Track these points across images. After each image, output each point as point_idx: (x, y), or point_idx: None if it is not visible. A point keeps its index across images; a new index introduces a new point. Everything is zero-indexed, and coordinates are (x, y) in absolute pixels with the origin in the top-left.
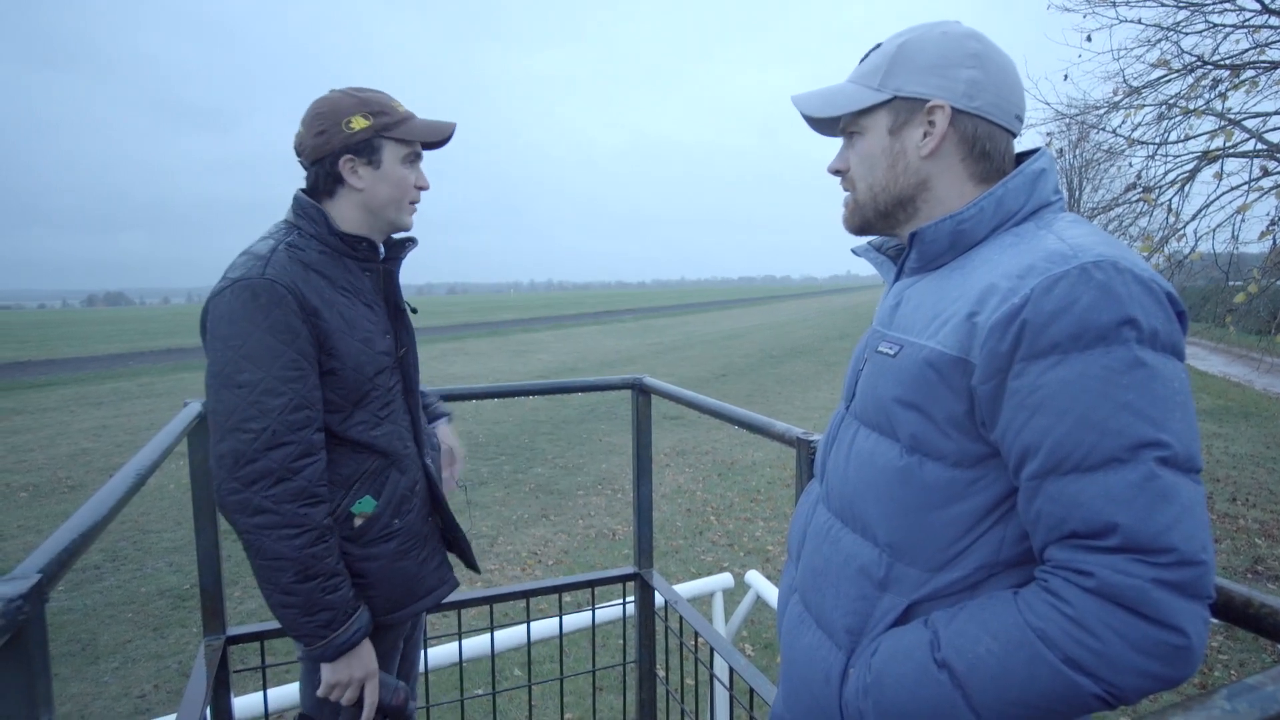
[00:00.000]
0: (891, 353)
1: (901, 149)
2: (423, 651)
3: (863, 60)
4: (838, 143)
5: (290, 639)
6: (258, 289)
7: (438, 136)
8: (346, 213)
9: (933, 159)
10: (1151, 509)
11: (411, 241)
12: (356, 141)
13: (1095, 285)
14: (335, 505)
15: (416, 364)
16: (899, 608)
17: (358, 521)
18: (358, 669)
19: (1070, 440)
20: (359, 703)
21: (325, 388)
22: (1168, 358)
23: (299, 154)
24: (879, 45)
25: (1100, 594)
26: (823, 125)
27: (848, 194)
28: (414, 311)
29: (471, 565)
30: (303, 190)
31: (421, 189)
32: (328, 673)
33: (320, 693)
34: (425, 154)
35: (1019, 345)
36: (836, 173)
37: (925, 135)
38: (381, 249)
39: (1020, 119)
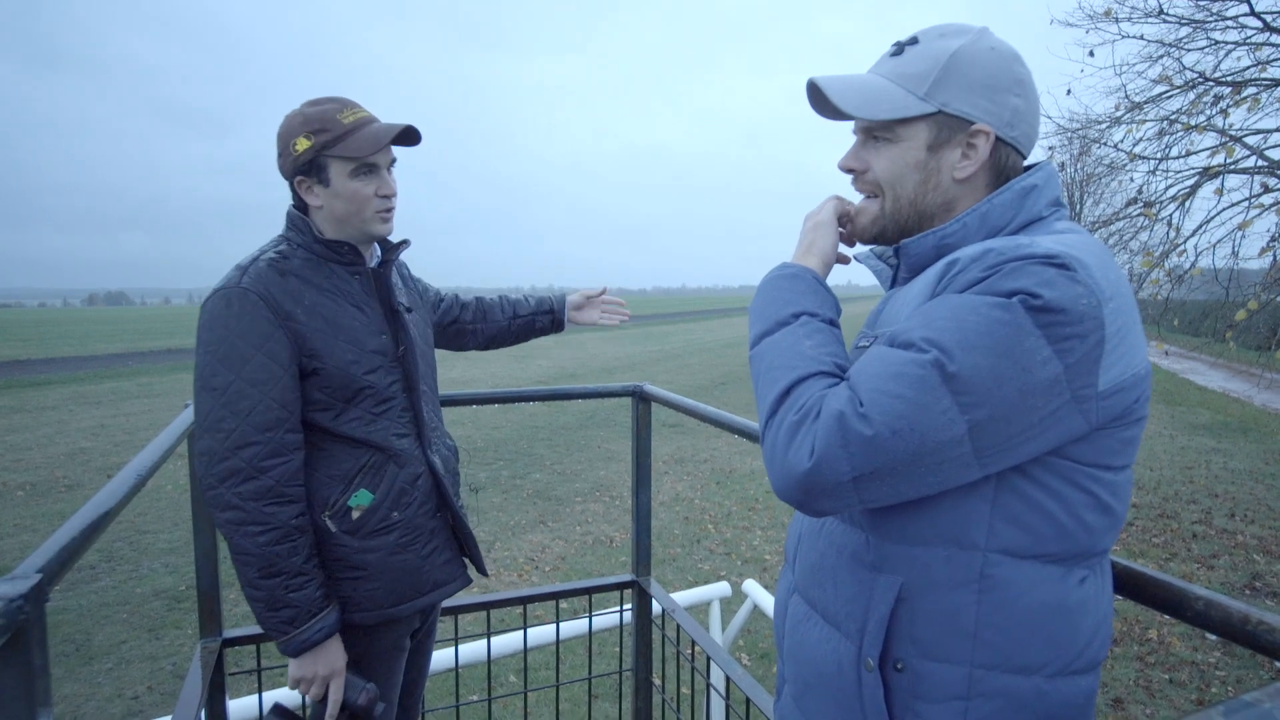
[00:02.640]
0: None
1: (937, 167)
2: None
3: (896, 54)
4: (840, 134)
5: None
6: (231, 297)
7: (375, 147)
8: (323, 225)
9: (963, 182)
10: (887, 379)
11: (404, 243)
12: (303, 163)
13: (1026, 266)
14: (334, 500)
15: (419, 361)
16: (895, 585)
17: (355, 514)
18: (322, 666)
19: (905, 329)
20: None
21: (312, 387)
22: (1043, 342)
23: None
24: (915, 40)
25: (825, 404)
26: (829, 109)
27: (868, 200)
28: (409, 311)
29: (479, 568)
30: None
31: (384, 196)
32: (293, 667)
33: (288, 685)
34: (410, 152)
35: (941, 283)
36: (849, 171)
37: (964, 158)
38: (377, 252)
39: (1033, 147)
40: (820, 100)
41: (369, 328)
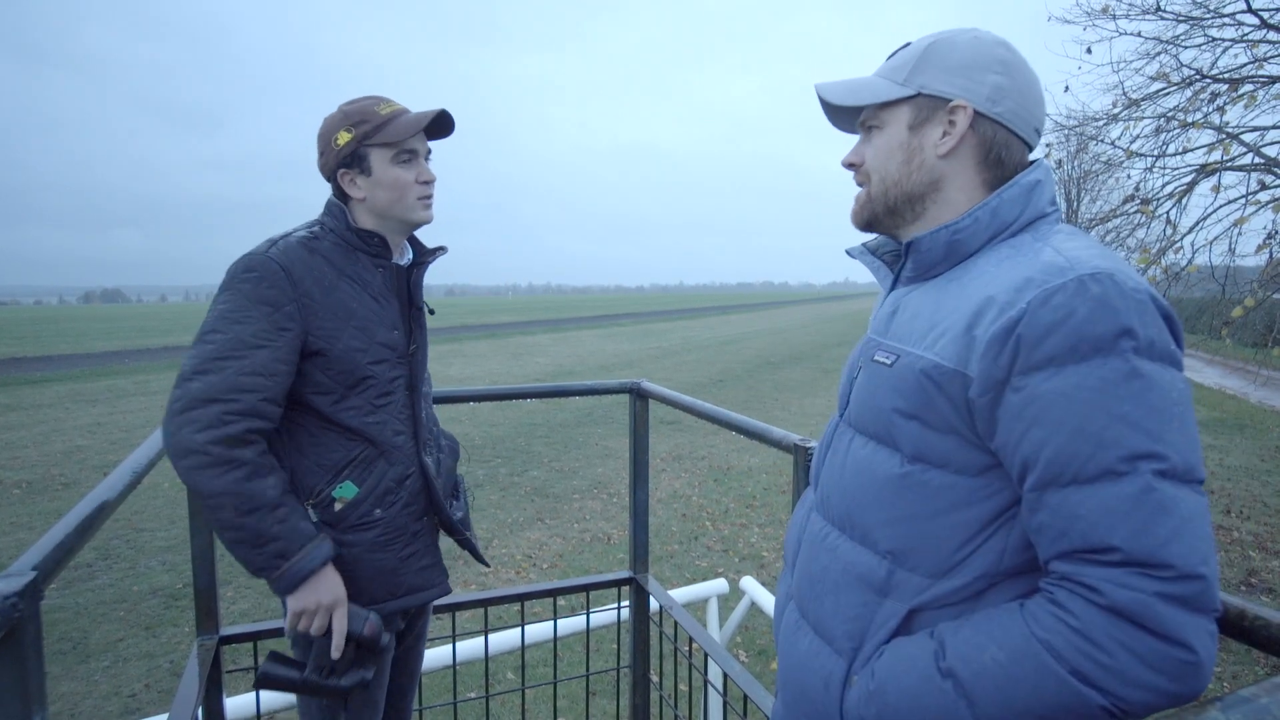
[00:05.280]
0: (888, 362)
1: (919, 145)
2: None
3: (891, 57)
4: (844, 144)
5: (284, 640)
6: (255, 263)
7: (413, 130)
8: (363, 218)
9: (949, 159)
10: (1149, 523)
11: (440, 249)
12: (345, 155)
13: (1092, 297)
14: (319, 489)
15: (424, 362)
16: (899, 614)
17: (337, 506)
18: (324, 595)
19: (1066, 452)
20: (332, 645)
21: (316, 369)
22: (1165, 367)
23: None
24: (909, 44)
25: (1104, 608)
26: (842, 119)
27: (860, 189)
28: (431, 313)
29: (477, 558)
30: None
31: (424, 182)
32: (292, 602)
33: (287, 626)
34: (435, 145)
35: (1016, 358)
36: (850, 166)
37: (944, 134)
38: (409, 252)
39: (1039, 133)
40: (827, 109)
41: (382, 320)
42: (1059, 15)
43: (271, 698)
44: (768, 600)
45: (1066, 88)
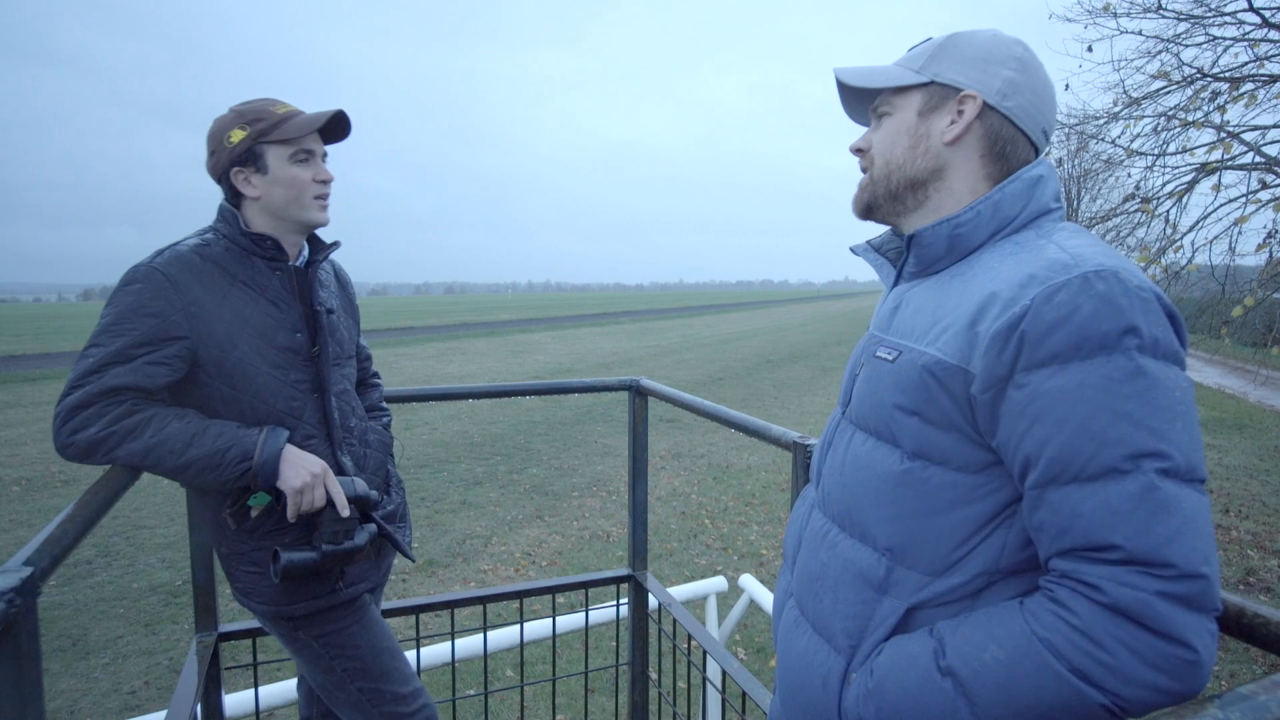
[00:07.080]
0: (890, 358)
1: (926, 131)
2: (416, 651)
3: (911, 49)
4: (847, 141)
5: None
6: (139, 275)
7: (309, 129)
8: (256, 220)
9: (954, 148)
10: (1151, 522)
11: (334, 245)
12: (239, 153)
13: (1096, 295)
14: (233, 498)
15: (333, 362)
16: (899, 611)
17: (253, 513)
18: (312, 464)
19: (1069, 450)
20: (334, 516)
21: (214, 378)
22: (1169, 366)
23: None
24: (930, 38)
25: (1105, 606)
26: (856, 108)
27: (863, 175)
28: (330, 312)
29: (403, 553)
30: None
31: (321, 182)
32: (288, 483)
33: (290, 513)
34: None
35: (1020, 355)
36: (857, 151)
37: (952, 122)
38: (304, 251)
39: (1047, 136)
40: (843, 95)
41: (282, 324)
42: (1060, 13)
43: (270, 694)
44: (766, 598)
45: (1067, 86)
